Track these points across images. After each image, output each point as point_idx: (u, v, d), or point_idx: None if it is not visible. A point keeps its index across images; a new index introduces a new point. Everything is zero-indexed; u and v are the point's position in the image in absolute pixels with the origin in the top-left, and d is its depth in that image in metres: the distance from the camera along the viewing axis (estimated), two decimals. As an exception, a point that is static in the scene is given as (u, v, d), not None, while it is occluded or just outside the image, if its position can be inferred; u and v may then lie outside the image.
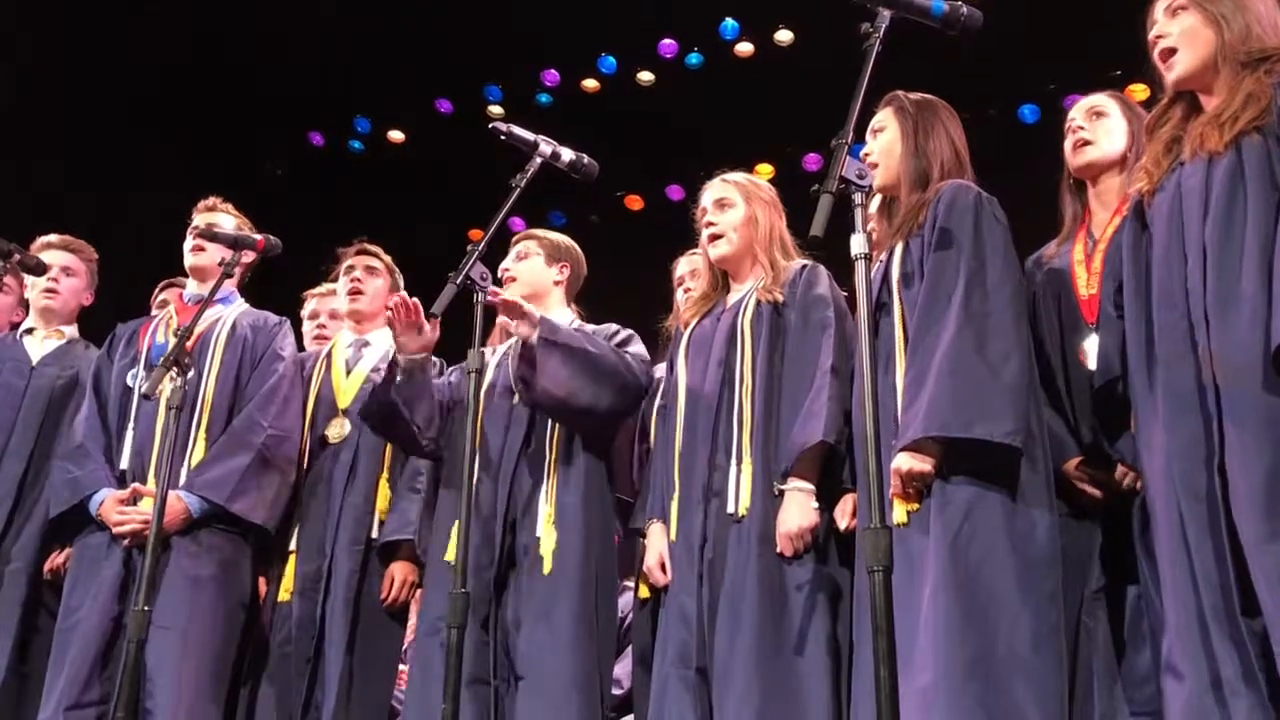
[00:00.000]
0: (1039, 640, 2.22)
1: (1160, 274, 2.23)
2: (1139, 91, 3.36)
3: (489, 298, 2.71)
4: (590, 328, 3.34)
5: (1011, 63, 5.80)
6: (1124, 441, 2.42)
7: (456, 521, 2.66)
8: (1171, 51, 2.31)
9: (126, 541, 3.11)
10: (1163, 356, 2.18)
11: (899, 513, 2.34)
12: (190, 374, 2.97)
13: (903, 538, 2.30)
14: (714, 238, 3.03)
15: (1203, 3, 2.28)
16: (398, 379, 3.16)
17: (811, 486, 2.65)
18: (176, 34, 6.57)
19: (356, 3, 6.66)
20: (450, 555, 2.88)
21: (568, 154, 2.83)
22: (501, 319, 3.03)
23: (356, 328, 3.72)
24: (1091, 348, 2.56)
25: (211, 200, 3.61)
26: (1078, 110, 2.85)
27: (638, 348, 3.26)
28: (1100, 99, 2.84)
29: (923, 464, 2.32)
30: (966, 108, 2.82)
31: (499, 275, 3.34)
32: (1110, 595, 2.47)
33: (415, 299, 3.07)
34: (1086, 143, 2.77)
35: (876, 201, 2.83)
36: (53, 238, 3.80)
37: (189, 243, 3.52)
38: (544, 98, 7.31)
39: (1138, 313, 2.28)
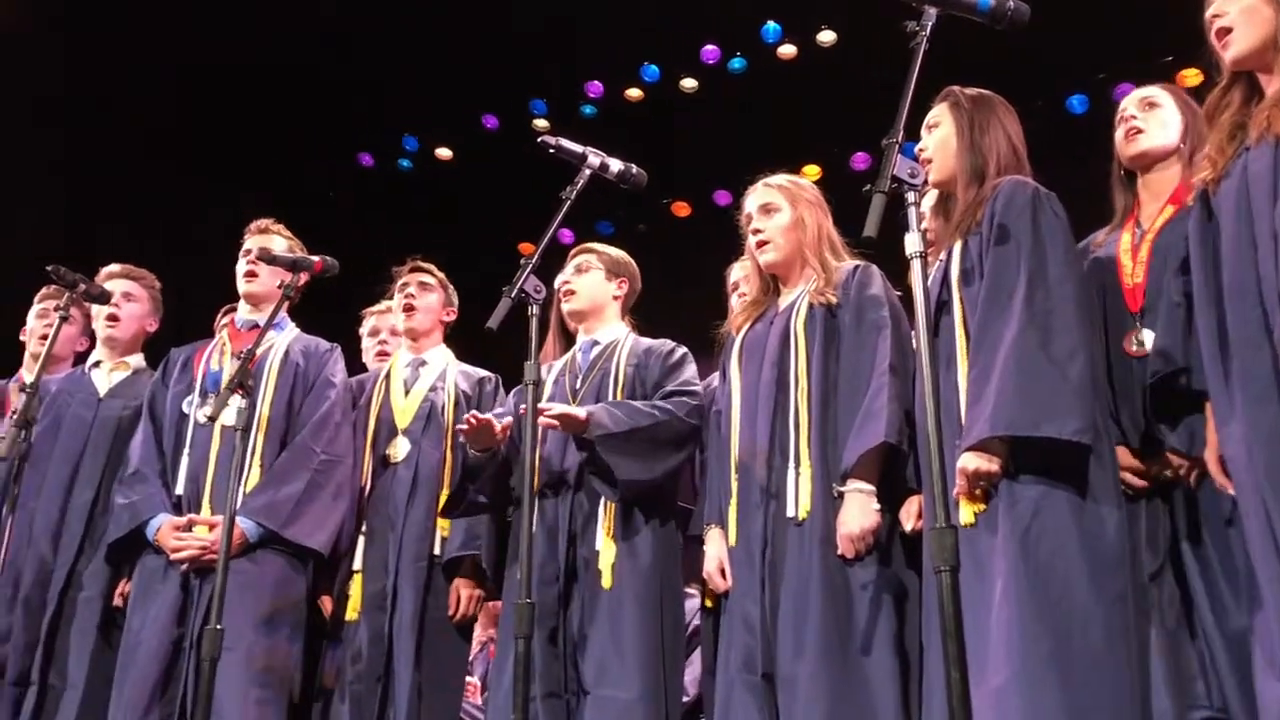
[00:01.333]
0: (1112, 638, 2.17)
1: (1230, 263, 2.18)
2: (1191, 77, 3.32)
3: (542, 423, 2.80)
4: (646, 343, 3.35)
5: (1059, 53, 5.72)
6: (1181, 433, 2.39)
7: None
8: (1229, 30, 2.26)
9: (184, 567, 3.17)
10: (1237, 346, 2.14)
11: (965, 513, 2.31)
12: (250, 397, 3.02)
13: (970, 538, 2.27)
14: (761, 244, 3.01)
15: None
16: (469, 468, 3.21)
17: (872, 487, 2.62)
18: (227, 62, 6.68)
19: (399, 23, 6.72)
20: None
21: (616, 164, 2.83)
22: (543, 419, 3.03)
23: (413, 345, 3.75)
24: (1138, 338, 2.52)
25: (264, 222, 3.65)
26: (1130, 101, 2.81)
27: (689, 370, 3.27)
28: (1154, 90, 2.79)
29: (989, 463, 2.28)
30: (1014, 100, 2.78)
31: (557, 288, 3.36)
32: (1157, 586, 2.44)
33: (486, 416, 3.10)
34: (1139, 132, 2.73)
35: (932, 198, 2.80)
36: (114, 267, 3.88)
37: (241, 267, 3.57)
38: (588, 109, 7.34)
39: (1207, 303, 2.23)
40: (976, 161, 2.62)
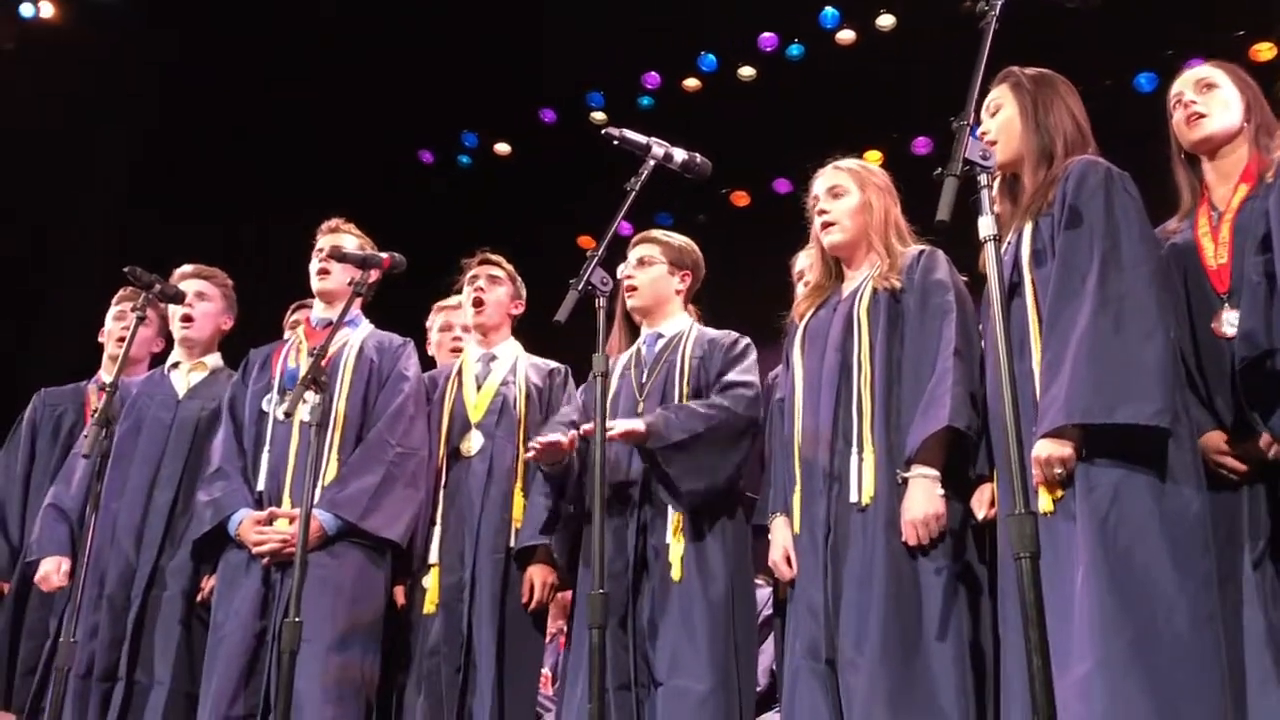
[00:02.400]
0: (1197, 624, 2.13)
1: (1319, 238, 2.13)
2: (1265, 51, 3.23)
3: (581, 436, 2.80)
4: (710, 334, 3.35)
5: (1126, 31, 5.61)
6: (1274, 415, 2.33)
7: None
8: None
9: (265, 560, 3.23)
10: (1329, 323, 2.09)
11: (1044, 501, 2.28)
12: (325, 393, 3.06)
13: (1048, 526, 2.23)
14: (827, 225, 2.98)
15: None
16: (552, 484, 3.27)
17: (936, 473, 2.59)
18: (291, 62, 6.78)
19: (454, 20, 6.77)
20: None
21: (680, 154, 2.82)
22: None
23: (483, 340, 3.78)
24: (1228, 320, 2.47)
25: (335, 221, 3.72)
26: (1184, 84, 2.75)
27: (750, 360, 3.27)
28: (1207, 70, 2.73)
29: (1063, 449, 2.25)
30: (1080, 80, 2.73)
31: (619, 279, 3.36)
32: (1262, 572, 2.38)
33: (551, 438, 3.14)
34: (1201, 116, 2.67)
35: (997, 182, 2.76)
36: (187, 268, 3.96)
37: (314, 266, 3.63)
38: (646, 100, 7.33)
39: (1295, 281, 2.19)
40: (1043, 142, 2.58)
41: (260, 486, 3.36)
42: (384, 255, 3.26)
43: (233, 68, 6.68)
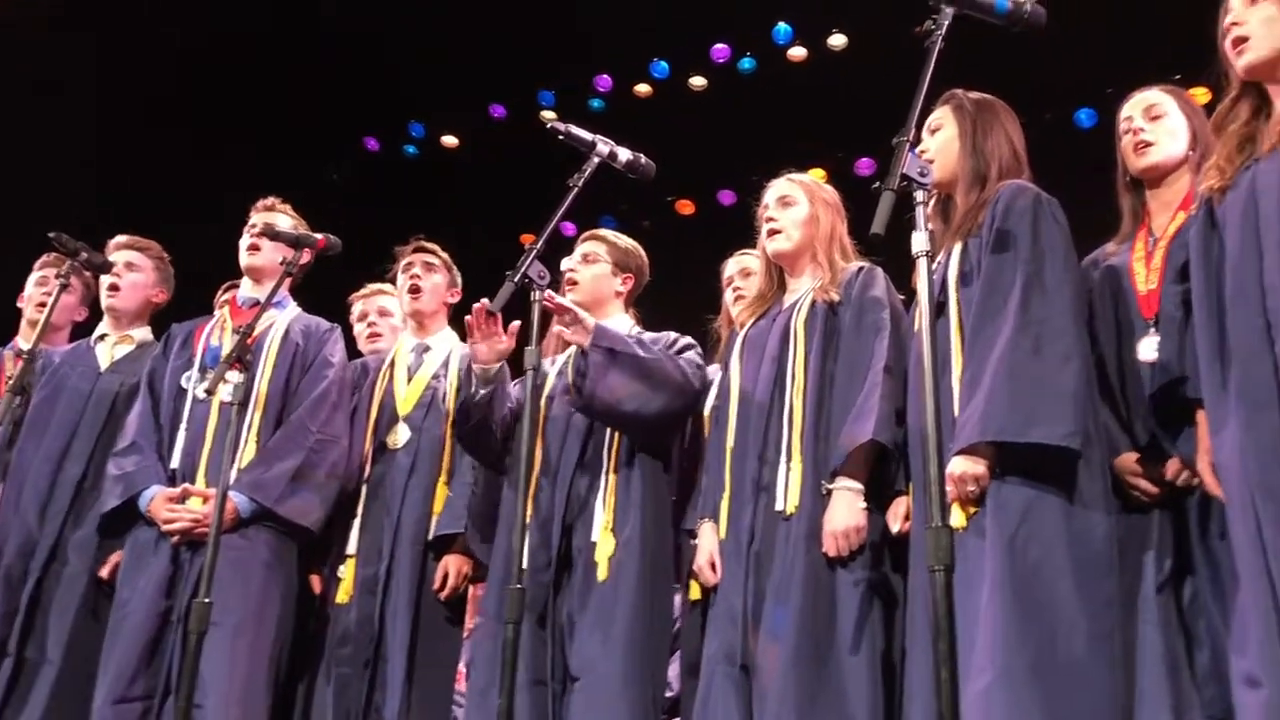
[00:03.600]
0: (1096, 645, 2.18)
1: (1234, 272, 2.19)
2: (1200, 95, 3.31)
3: (544, 301, 2.72)
4: (649, 336, 3.34)
5: (1068, 67, 5.74)
6: (1184, 440, 2.39)
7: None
8: (1245, 39, 2.27)
9: (175, 539, 3.16)
10: (1238, 355, 2.14)
11: (957, 517, 2.31)
12: (248, 372, 3.01)
13: (959, 541, 2.23)
14: (773, 233, 3.02)
15: None
16: (477, 391, 3.18)
17: (860, 486, 2.63)
18: (236, 37, 6.67)
19: (410, 8, 6.72)
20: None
21: (625, 154, 2.83)
22: (556, 326, 3.04)
23: (417, 329, 3.74)
24: (1150, 345, 2.53)
25: (270, 200, 3.65)
26: (1134, 108, 2.79)
27: (692, 355, 3.27)
28: (1156, 96, 2.78)
29: (977, 466, 2.29)
30: (1022, 112, 2.78)
31: (560, 273, 3.35)
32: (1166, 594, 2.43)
33: (491, 309, 3.04)
34: (1148, 145, 2.72)
35: (931, 201, 2.80)
36: (121, 238, 3.86)
37: (245, 242, 3.56)
38: (596, 103, 7.33)
39: (1208, 312, 2.24)
40: (978, 165, 2.63)
41: (174, 464, 3.28)
42: (318, 236, 3.22)
43: (179, 40, 6.55)
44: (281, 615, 3.22)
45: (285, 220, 3.57)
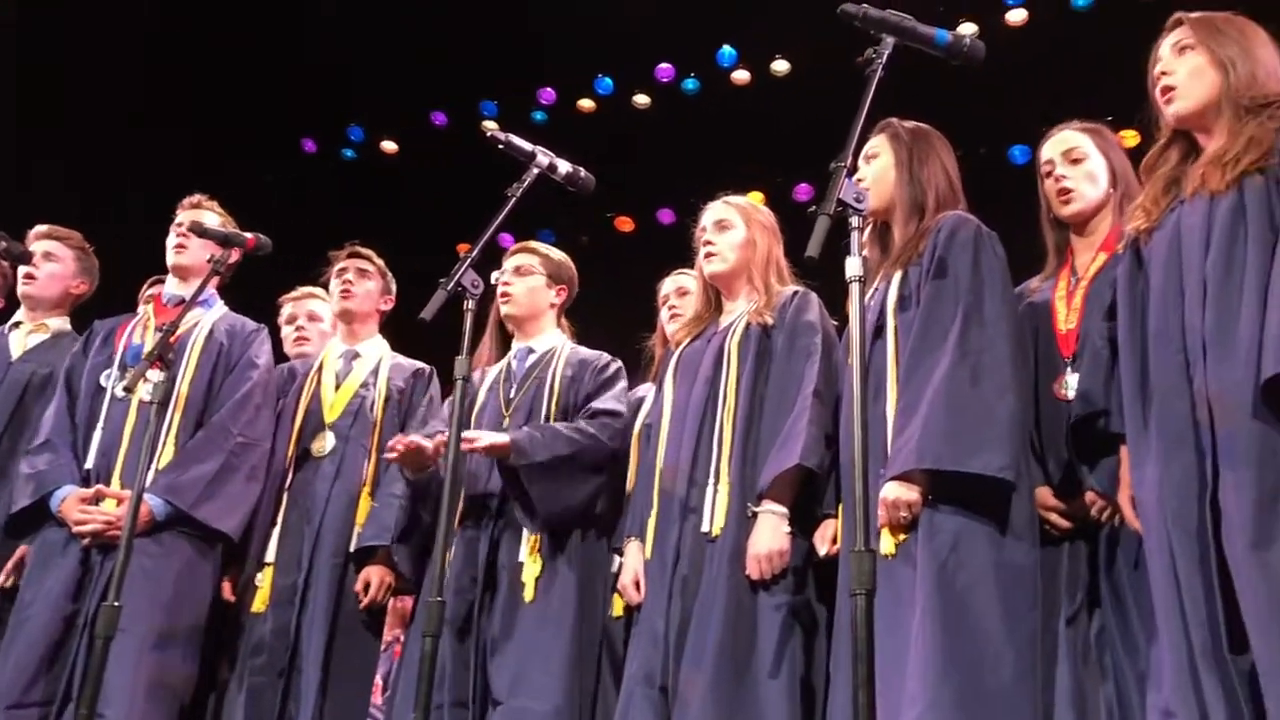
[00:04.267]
0: (1021, 676, 2.20)
1: (1157, 311, 2.24)
2: (1129, 138, 3.39)
3: (463, 446, 2.77)
4: (582, 353, 3.35)
5: (1004, 103, 5.85)
6: (1100, 472, 2.43)
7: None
8: (1173, 89, 2.32)
9: (86, 541, 3.06)
10: (1158, 392, 2.19)
11: (886, 544, 2.32)
12: (170, 371, 2.94)
13: (889, 568, 2.28)
14: (710, 255, 3.03)
15: (1210, 45, 2.30)
16: (415, 492, 3.19)
17: (785, 510, 2.63)
18: (173, 33, 6.55)
19: (355, 12, 6.65)
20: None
21: (565, 166, 2.81)
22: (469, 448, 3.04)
23: (348, 333, 3.68)
24: (1066, 382, 2.57)
25: (197, 197, 3.58)
26: (1053, 150, 2.81)
27: (620, 385, 3.27)
28: (1075, 138, 2.80)
29: (911, 493, 2.30)
30: (958, 145, 2.82)
31: (494, 284, 3.33)
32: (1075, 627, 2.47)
33: (413, 439, 3.09)
34: (1071, 192, 2.75)
35: (867, 228, 2.82)
36: (41, 228, 3.78)
37: (171, 240, 3.49)
38: (539, 115, 7.32)
39: (1132, 349, 2.28)
40: (915, 193, 2.65)
41: (89, 464, 3.18)
42: (248, 235, 3.17)
43: (118, 31, 6.41)
44: (194, 624, 3.13)
45: (213, 218, 3.49)
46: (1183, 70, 2.32)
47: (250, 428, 3.30)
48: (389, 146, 7.71)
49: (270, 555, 3.31)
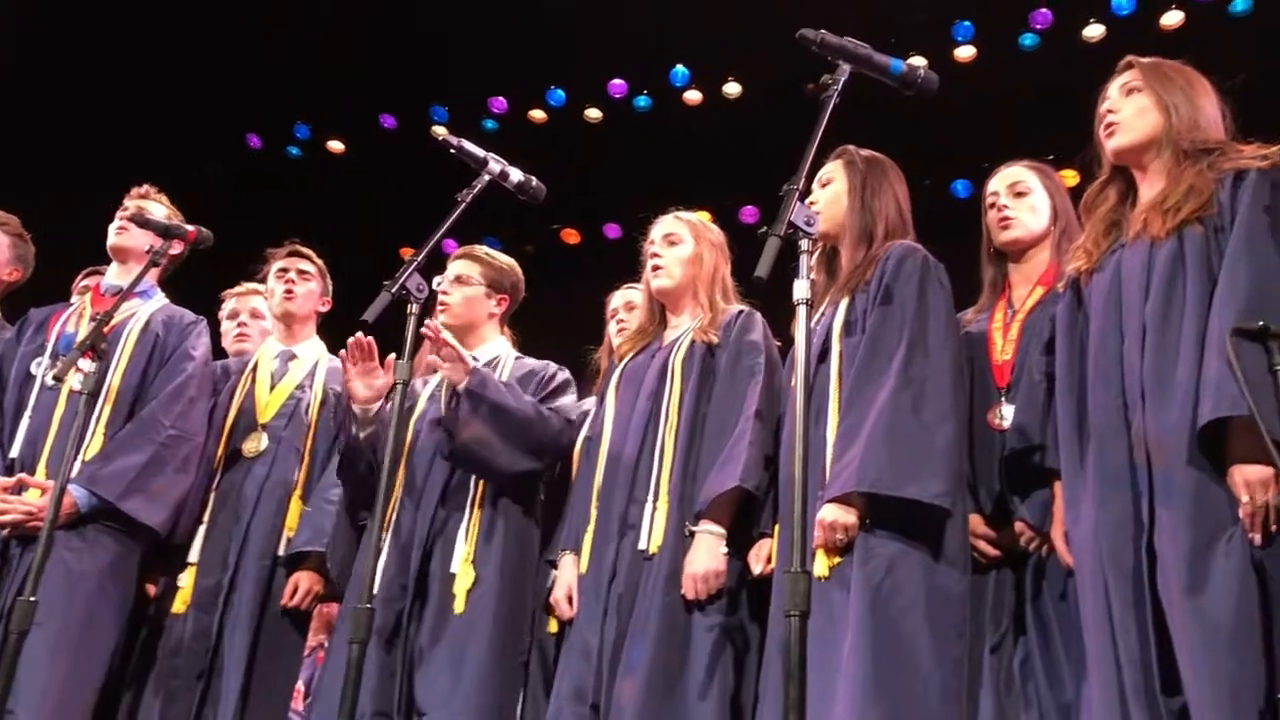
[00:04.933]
0: (947, 702, 2.22)
1: (1096, 352, 2.29)
2: (1070, 177, 3.47)
3: (428, 331, 2.64)
4: (530, 362, 3.31)
5: (948, 138, 5.95)
6: (1031, 505, 2.47)
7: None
8: (1116, 125, 2.39)
9: (5, 532, 2.97)
10: (1096, 433, 2.23)
11: (821, 566, 2.34)
12: (102, 361, 2.87)
13: (822, 591, 2.29)
14: (657, 269, 3.03)
15: (1156, 88, 2.37)
16: (358, 434, 3.10)
17: (723, 531, 2.64)
18: (125, 22, 6.43)
19: (307, 12, 6.58)
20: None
21: (516, 174, 2.80)
22: (431, 356, 2.98)
23: (285, 334, 3.63)
24: (1001, 413, 2.61)
25: (145, 188, 3.52)
26: (999, 184, 2.88)
27: (569, 397, 3.24)
28: (1021, 173, 2.88)
29: (848, 516, 2.32)
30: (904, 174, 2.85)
31: (435, 291, 3.29)
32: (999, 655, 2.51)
33: (369, 339, 3.01)
34: (1011, 220, 2.82)
35: (816, 252, 2.85)
36: None
37: (114, 224, 3.42)
38: (490, 124, 7.29)
39: (1070, 388, 2.33)
40: (866, 221, 2.69)
41: (14, 453, 3.10)
42: (190, 228, 3.11)
43: (68, 21, 6.28)
44: (113, 624, 3.06)
45: (159, 209, 3.44)
46: (1128, 108, 2.39)
47: (183, 420, 3.23)
48: (336, 146, 7.63)
49: (194, 555, 3.24)
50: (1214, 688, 1.91)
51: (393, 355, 2.97)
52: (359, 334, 2.98)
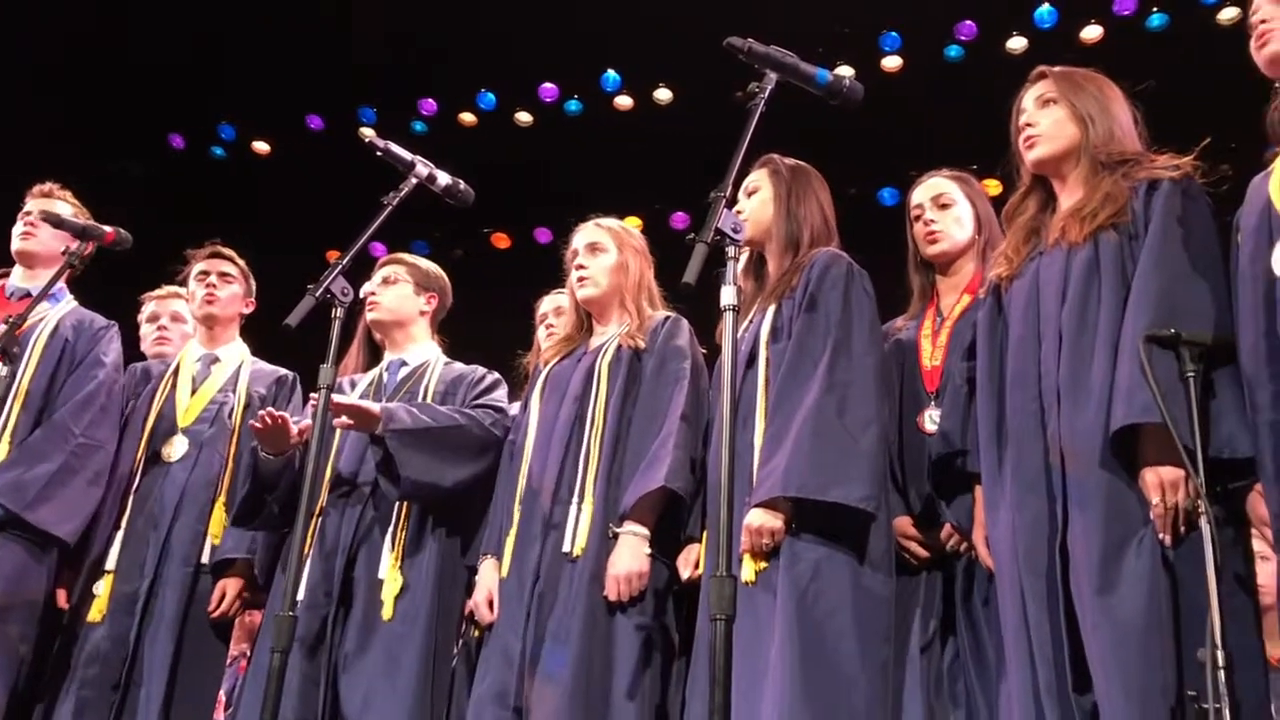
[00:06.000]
0: (872, 704, 2.25)
1: (1015, 357, 2.34)
2: (992, 187, 3.55)
3: (334, 418, 2.68)
4: (457, 368, 3.30)
5: (875, 147, 6.03)
6: (957, 508, 2.52)
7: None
8: (1036, 137, 2.44)
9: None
10: (1013, 436, 2.28)
11: (747, 571, 2.35)
12: (12, 365, 2.79)
13: (749, 596, 2.30)
14: (582, 279, 3.03)
15: (1072, 99, 2.43)
16: (263, 476, 3.05)
17: (646, 532, 2.64)
18: (38, 16, 6.26)
19: (234, 10, 6.46)
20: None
21: (444, 178, 2.79)
22: (337, 422, 2.95)
23: (207, 337, 3.56)
24: (930, 417, 2.66)
25: (49, 185, 3.43)
26: (923, 196, 2.93)
27: (499, 394, 3.23)
28: (943, 185, 2.93)
29: (774, 520, 2.34)
30: (830, 185, 2.89)
31: (362, 297, 3.26)
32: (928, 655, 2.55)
33: (283, 414, 2.98)
34: (937, 234, 2.87)
35: (743, 260, 2.87)
36: None
37: (18, 228, 3.33)
38: (419, 126, 7.22)
39: (990, 393, 2.37)
40: (792, 229, 2.72)
41: (-80, 460, 3.01)
42: (107, 229, 3.04)
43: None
44: (21, 633, 2.99)
45: (66, 208, 3.35)
46: (1046, 120, 2.44)
47: (93, 429, 3.18)
48: (261, 147, 7.50)
49: (111, 562, 3.17)
50: (1123, 686, 1.96)
51: (307, 422, 2.97)
52: (268, 409, 2.96)
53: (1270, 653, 2.07)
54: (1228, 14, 5.46)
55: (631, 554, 2.62)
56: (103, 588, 3.13)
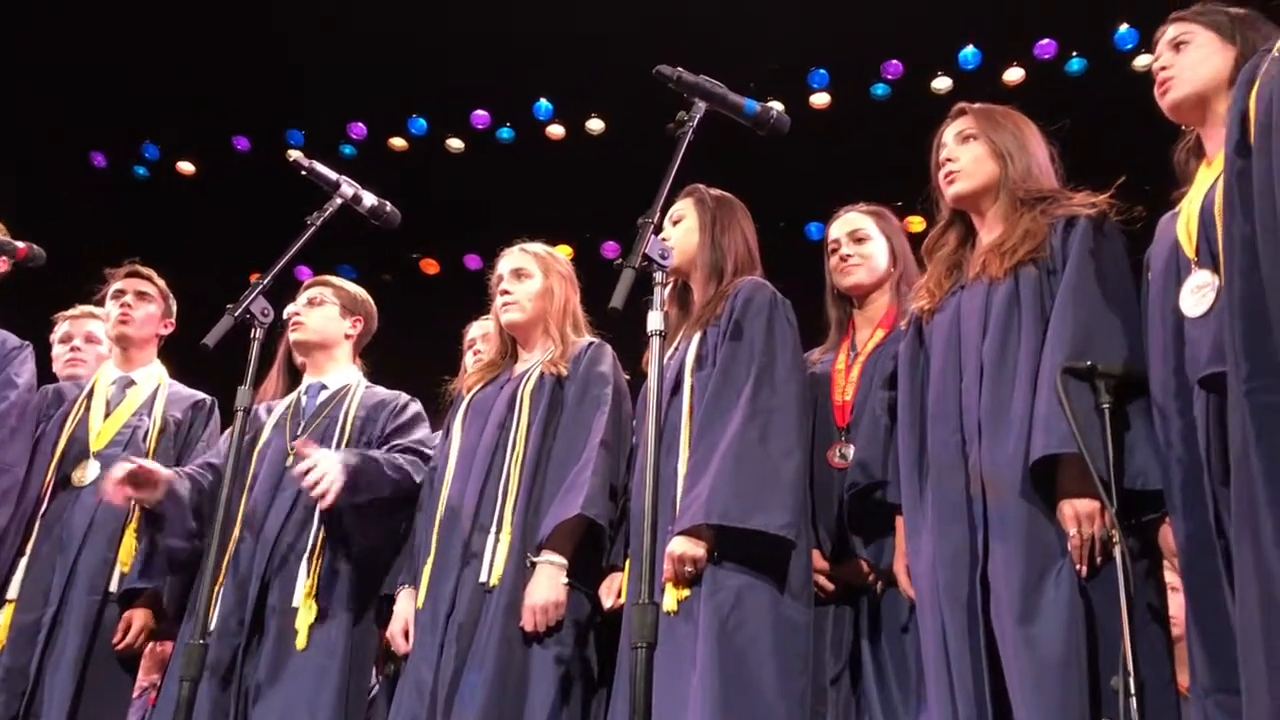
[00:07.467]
0: None
1: (936, 389, 2.37)
2: (915, 224, 3.61)
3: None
4: (378, 393, 3.26)
5: (803, 182, 6.11)
6: (874, 542, 2.54)
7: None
8: (955, 173, 2.49)
9: None
10: (935, 467, 2.31)
11: (669, 600, 2.34)
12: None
13: (670, 625, 2.29)
14: (507, 304, 3.01)
15: (991, 136, 2.48)
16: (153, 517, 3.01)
17: (563, 561, 2.62)
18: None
19: (159, 28, 6.36)
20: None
21: (370, 199, 2.76)
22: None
23: (123, 359, 3.48)
24: (839, 452, 2.68)
25: None
26: (839, 230, 2.97)
27: (421, 432, 3.20)
28: (859, 220, 2.96)
29: (697, 548, 2.33)
30: (758, 218, 2.91)
31: (286, 317, 3.20)
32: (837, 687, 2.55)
33: (152, 467, 2.94)
34: (851, 267, 2.90)
35: (668, 288, 2.88)
36: None
37: None
38: (348, 149, 7.17)
39: (911, 424, 2.40)
40: (716, 257, 2.74)
41: None
42: (20, 244, 2.95)
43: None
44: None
45: (-24, 225, 3.25)
46: (966, 156, 2.49)
47: (2, 451, 3.08)
48: (186, 168, 7.38)
49: (13, 591, 3.07)
50: (1043, 716, 1.98)
51: (171, 474, 2.95)
52: (138, 464, 2.90)
53: (1181, 681, 2.11)
54: (1142, 60, 5.64)
55: (548, 584, 2.59)
56: (2, 617, 3.03)
